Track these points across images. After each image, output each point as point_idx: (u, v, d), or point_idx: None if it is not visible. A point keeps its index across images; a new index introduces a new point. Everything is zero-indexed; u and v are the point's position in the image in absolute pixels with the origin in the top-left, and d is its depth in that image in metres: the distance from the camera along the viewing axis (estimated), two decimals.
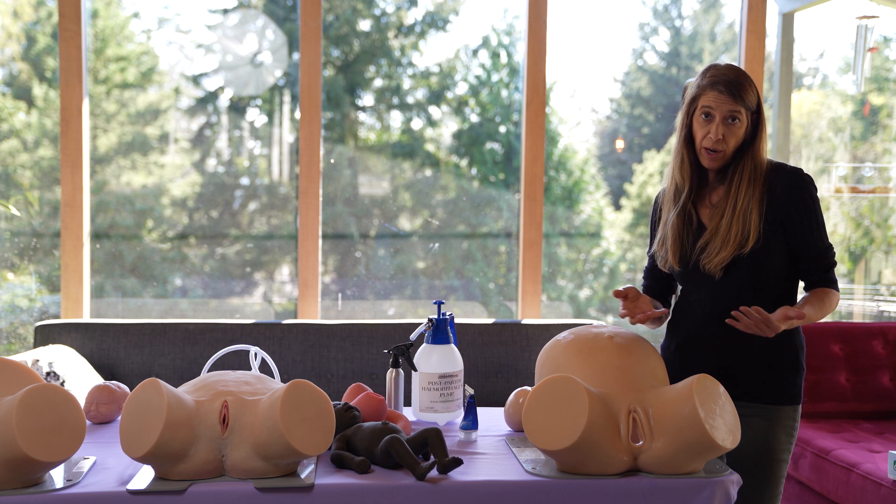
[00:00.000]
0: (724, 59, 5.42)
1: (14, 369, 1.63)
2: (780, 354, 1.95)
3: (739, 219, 1.90)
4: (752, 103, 1.92)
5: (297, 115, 3.24)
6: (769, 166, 1.96)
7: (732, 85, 1.90)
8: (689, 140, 1.99)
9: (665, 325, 2.14)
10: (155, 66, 4.40)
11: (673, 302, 2.19)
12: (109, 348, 2.92)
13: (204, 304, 4.22)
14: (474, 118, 4.71)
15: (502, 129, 4.72)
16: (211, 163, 4.43)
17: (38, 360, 2.42)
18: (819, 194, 1.97)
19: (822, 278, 1.94)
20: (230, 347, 2.18)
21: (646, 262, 2.22)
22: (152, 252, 4.23)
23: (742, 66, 3.50)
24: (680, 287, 2.13)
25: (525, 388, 2.07)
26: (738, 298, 1.93)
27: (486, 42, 4.69)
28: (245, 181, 4.39)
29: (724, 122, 1.90)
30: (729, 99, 1.89)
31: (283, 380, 2.88)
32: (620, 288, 1.95)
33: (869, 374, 3.17)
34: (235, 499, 1.51)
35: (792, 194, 1.91)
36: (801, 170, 1.95)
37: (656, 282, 2.18)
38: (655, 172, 5.26)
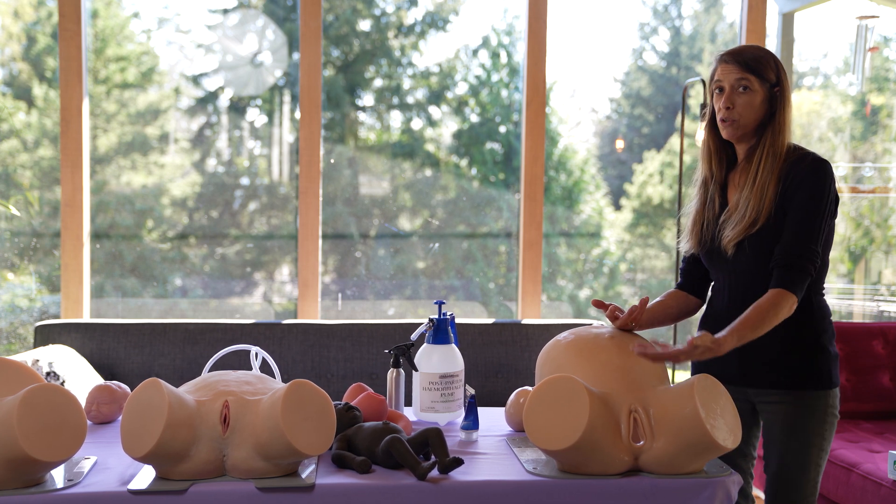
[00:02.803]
0: None
1: (14, 369, 1.63)
2: (803, 337, 1.89)
3: (756, 194, 1.87)
4: (769, 76, 1.89)
5: (297, 115, 3.24)
6: (795, 153, 1.90)
7: (739, 55, 1.89)
8: (712, 122, 1.99)
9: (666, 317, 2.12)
10: (155, 66, 4.40)
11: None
12: (109, 348, 2.92)
13: (204, 304, 4.22)
14: (474, 118, 4.71)
15: (502, 129, 4.72)
16: (211, 163, 4.43)
17: (38, 360, 2.42)
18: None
19: (782, 278, 1.81)
20: (231, 347, 2.18)
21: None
22: (152, 252, 4.23)
23: None
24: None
25: (526, 388, 2.07)
26: (751, 281, 1.89)
27: (486, 42, 4.69)
28: (245, 181, 4.39)
29: (734, 91, 1.88)
30: (735, 68, 1.88)
31: (284, 380, 2.87)
32: (605, 301, 1.92)
33: (869, 374, 3.17)
34: (236, 499, 1.51)
35: (801, 181, 1.84)
36: (824, 162, 1.87)
37: (691, 271, 2.12)
38: (655, 172, 5.27)
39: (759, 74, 1.88)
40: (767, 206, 1.86)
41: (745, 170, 1.95)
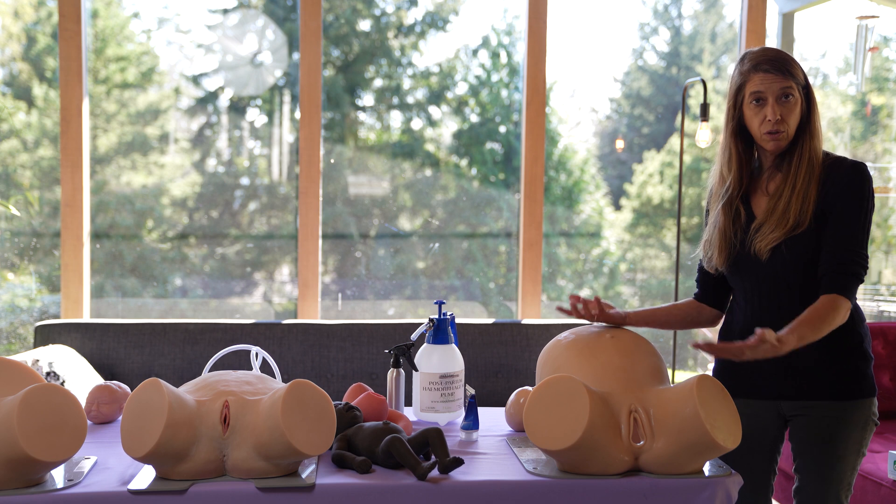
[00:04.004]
0: (725, 60, 5.43)
1: (15, 369, 1.63)
2: (846, 344, 1.84)
3: (799, 198, 1.80)
4: (801, 78, 1.82)
5: (297, 115, 3.24)
6: (829, 159, 1.85)
7: (777, 62, 1.80)
8: (738, 132, 1.90)
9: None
10: (155, 66, 4.40)
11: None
12: (109, 348, 2.92)
13: (204, 304, 4.22)
14: (474, 118, 4.71)
15: (502, 129, 4.72)
16: (211, 163, 4.43)
17: (38, 360, 2.42)
18: None
19: (835, 283, 1.77)
20: (231, 347, 2.18)
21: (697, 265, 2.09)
22: (152, 252, 4.23)
23: None
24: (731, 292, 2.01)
25: (526, 388, 2.07)
26: (785, 285, 1.83)
27: (486, 42, 4.69)
28: (245, 181, 4.39)
29: (778, 101, 1.80)
30: (778, 76, 1.79)
31: (284, 380, 2.87)
32: (581, 294, 1.87)
33: None
34: (237, 499, 1.51)
35: (843, 186, 1.80)
36: (862, 165, 1.82)
37: (707, 281, 2.04)
38: (655, 172, 5.27)
39: (795, 79, 1.81)
40: (810, 209, 1.80)
41: (774, 176, 1.88)
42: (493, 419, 2.10)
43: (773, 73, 1.80)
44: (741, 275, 1.92)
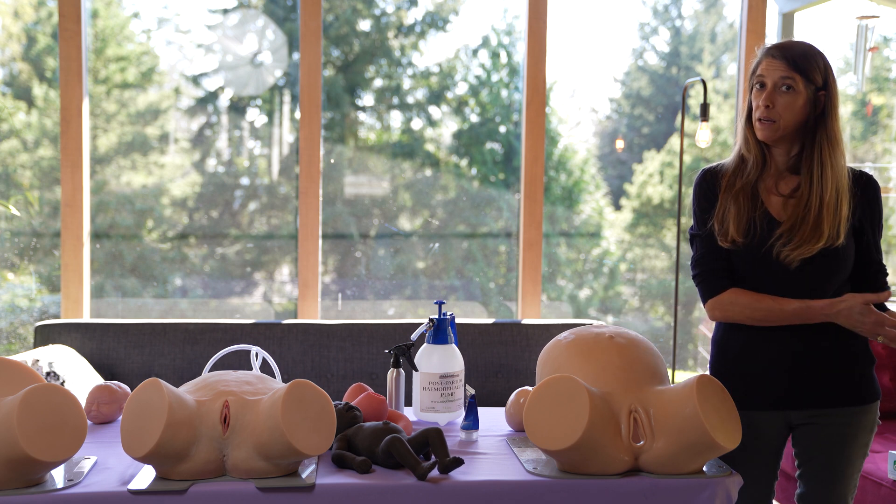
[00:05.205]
0: (725, 59, 5.43)
1: (15, 369, 1.63)
2: (854, 347, 1.82)
3: (830, 212, 1.75)
4: (816, 78, 1.76)
5: (297, 115, 3.24)
6: (853, 173, 1.83)
7: (787, 51, 1.76)
8: (749, 119, 1.85)
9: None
10: (155, 66, 4.40)
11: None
12: (109, 348, 2.92)
13: (204, 304, 4.23)
14: (474, 118, 4.72)
15: (502, 129, 4.72)
16: (211, 163, 4.43)
17: (38, 360, 2.42)
18: None
19: (885, 283, 1.81)
20: (231, 347, 2.18)
21: (692, 255, 1.94)
22: (152, 252, 4.24)
23: (742, 67, 3.50)
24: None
25: (526, 388, 2.07)
26: (816, 290, 1.79)
27: (486, 42, 4.69)
28: (245, 181, 4.39)
29: (777, 89, 1.75)
30: (781, 64, 1.74)
31: (284, 380, 2.87)
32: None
33: None
34: (237, 499, 1.51)
35: (867, 200, 1.81)
36: (871, 175, 1.84)
37: (717, 263, 1.86)
38: (655, 172, 5.27)
39: (805, 74, 1.75)
40: (844, 225, 1.76)
41: (787, 179, 1.83)
42: (493, 419, 2.10)
43: (778, 59, 1.76)
44: (759, 274, 1.82)
